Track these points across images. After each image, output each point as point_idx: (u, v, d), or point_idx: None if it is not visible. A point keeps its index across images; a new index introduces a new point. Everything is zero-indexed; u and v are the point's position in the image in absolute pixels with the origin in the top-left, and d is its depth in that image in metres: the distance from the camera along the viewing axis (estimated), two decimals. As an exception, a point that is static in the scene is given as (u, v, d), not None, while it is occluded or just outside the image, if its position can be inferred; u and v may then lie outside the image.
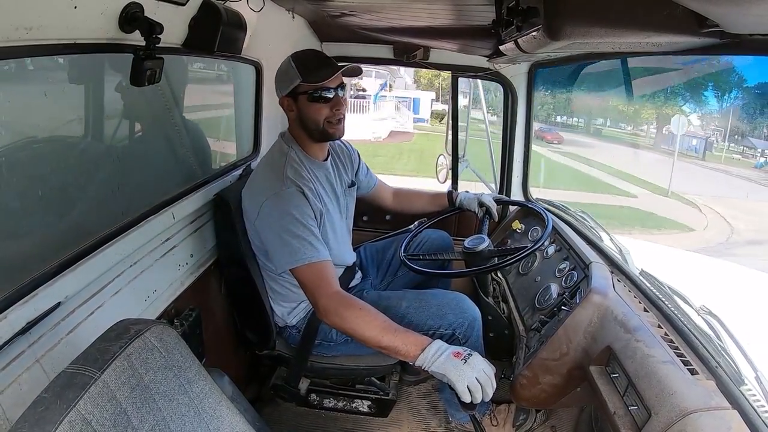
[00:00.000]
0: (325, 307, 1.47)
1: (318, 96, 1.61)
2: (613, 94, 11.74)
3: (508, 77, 2.34)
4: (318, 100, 1.61)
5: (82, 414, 0.76)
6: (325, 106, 1.62)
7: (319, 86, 1.59)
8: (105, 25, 1.12)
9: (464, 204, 2.14)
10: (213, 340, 1.76)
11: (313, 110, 1.63)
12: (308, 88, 1.60)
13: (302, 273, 1.52)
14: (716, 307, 1.29)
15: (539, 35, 1.07)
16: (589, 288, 1.46)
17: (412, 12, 1.66)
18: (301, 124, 1.67)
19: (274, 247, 1.56)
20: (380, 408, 1.96)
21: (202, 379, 0.99)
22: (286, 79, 1.63)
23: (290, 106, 1.66)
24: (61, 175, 1.35)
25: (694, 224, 12.22)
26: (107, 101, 1.56)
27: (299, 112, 1.65)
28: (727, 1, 0.73)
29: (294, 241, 1.51)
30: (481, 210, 2.11)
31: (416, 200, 2.25)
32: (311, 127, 1.65)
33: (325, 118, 1.63)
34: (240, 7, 1.57)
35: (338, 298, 1.47)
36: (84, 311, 1.20)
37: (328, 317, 1.47)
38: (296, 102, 1.64)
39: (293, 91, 1.63)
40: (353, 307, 1.44)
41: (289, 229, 1.52)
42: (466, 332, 1.69)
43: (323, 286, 1.49)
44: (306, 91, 1.61)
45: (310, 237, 1.53)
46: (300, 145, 1.71)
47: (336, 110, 1.63)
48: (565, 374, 1.45)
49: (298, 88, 1.61)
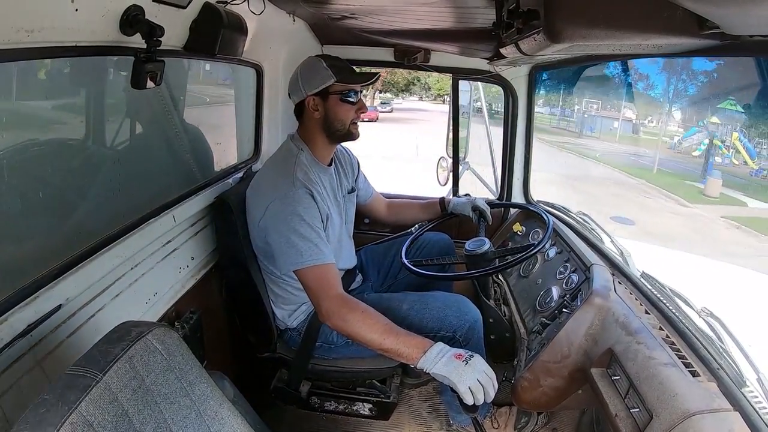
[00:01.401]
0: (328, 310, 1.47)
1: (349, 97, 1.66)
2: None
3: (508, 80, 2.34)
4: (348, 101, 1.66)
5: (83, 416, 0.76)
6: (353, 107, 1.67)
7: (352, 88, 1.65)
8: (106, 28, 1.12)
9: (457, 209, 2.15)
10: (214, 342, 1.76)
11: (343, 110, 1.67)
12: (342, 88, 1.64)
13: (306, 275, 1.52)
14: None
15: (539, 38, 1.07)
16: (591, 290, 1.46)
17: (412, 15, 1.66)
18: (324, 124, 1.69)
19: (280, 247, 1.55)
20: (381, 411, 1.95)
21: (204, 382, 0.99)
22: (316, 78, 1.65)
23: (316, 105, 1.68)
24: (61, 177, 1.36)
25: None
26: (108, 104, 1.56)
27: (327, 111, 1.68)
28: (728, 3, 0.73)
29: (300, 243, 1.51)
30: (474, 214, 2.12)
31: (408, 210, 2.27)
32: (337, 126, 1.69)
33: (352, 119, 1.69)
34: (241, 9, 1.57)
35: (341, 301, 1.48)
36: (85, 314, 1.20)
37: (331, 320, 1.47)
38: (325, 101, 1.67)
39: (324, 90, 1.65)
40: (356, 310, 1.44)
41: (297, 230, 1.52)
42: (467, 334, 1.69)
43: (326, 289, 1.49)
44: (340, 91, 1.65)
45: (316, 239, 1.53)
46: (311, 148, 1.72)
47: (360, 112, 1.70)
48: (566, 377, 1.44)
49: (330, 88, 1.64)
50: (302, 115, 1.72)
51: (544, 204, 2.41)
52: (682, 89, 20.70)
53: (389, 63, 2.45)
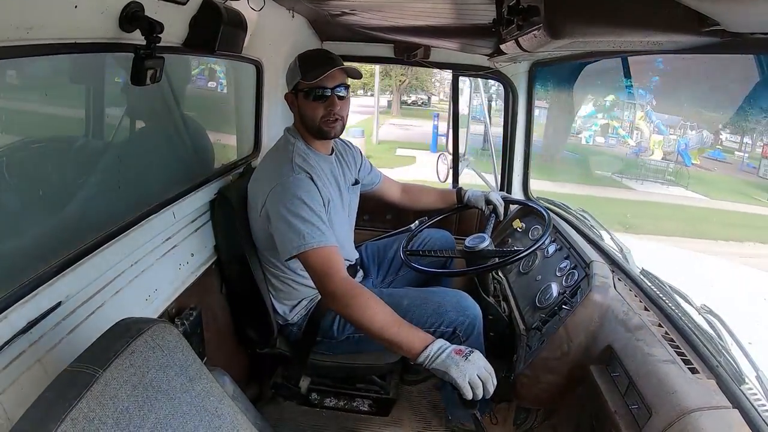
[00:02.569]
0: (334, 293, 1.45)
1: (314, 95, 1.64)
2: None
3: (508, 76, 2.34)
4: (314, 98, 1.65)
5: (84, 412, 0.76)
6: (320, 104, 1.65)
7: (315, 85, 1.62)
8: (105, 25, 1.12)
9: (472, 201, 2.15)
10: (214, 339, 1.76)
11: (309, 108, 1.66)
12: (305, 86, 1.64)
13: (310, 257, 1.50)
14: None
15: (540, 34, 1.06)
16: (590, 287, 1.46)
17: (412, 11, 1.65)
18: (301, 120, 1.71)
19: (282, 232, 1.54)
20: (381, 407, 1.96)
21: (204, 378, 0.99)
22: (290, 76, 1.69)
23: (293, 102, 1.71)
24: (61, 174, 1.36)
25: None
26: (108, 100, 1.56)
27: (299, 108, 1.70)
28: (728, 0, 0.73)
29: (302, 226, 1.50)
30: (488, 208, 2.11)
31: (426, 196, 2.25)
32: (309, 123, 1.69)
33: (321, 117, 1.66)
34: (240, 6, 1.57)
35: (347, 285, 1.46)
36: (85, 310, 1.20)
37: (336, 303, 1.45)
38: (297, 99, 1.69)
39: (295, 88, 1.68)
40: (362, 296, 1.43)
41: (298, 213, 1.51)
42: (467, 330, 1.69)
43: (333, 272, 1.48)
44: (303, 89, 1.65)
45: (318, 222, 1.52)
46: (304, 139, 1.73)
47: (329, 110, 1.66)
48: (565, 373, 1.45)
49: (298, 86, 1.66)
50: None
51: (544, 200, 2.42)
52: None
53: (389, 59, 2.45)
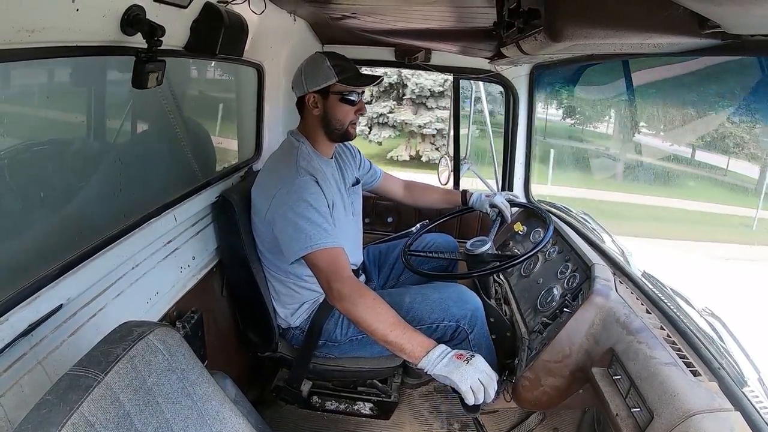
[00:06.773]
0: (339, 292, 1.45)
1: (349, 99, 1.66)
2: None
3: (509, 79, 2.34)
4: (348, 102, 1.66)
5: (85, 416, 0.76)
6: (352, 108, 1.67)
7: (353, 89, 1.65)
8: (107, 28, 1.13)
9: (476, 205, 2.12)
10: (215, 342, 1.76)
11: (342, 111, 1.67)
12: (343, 89, 1.64)
13: (316, 258, 1.50)
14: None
15: (540, 37, 1.06)
16: (591, 290, 1.45)
17: (413, 14, 1.66)
18: (322, 122, 1.70)
19: (288, 234, 1.54)
20: (382, 410, 1.95)
21: (205, 382, 0.99)
22: (319, 75, 1.65)
23: (316, 103, 1.68)
24: (63, 177, 1.36)
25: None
26: (109, 104, 1.56)
27: (326, 110, 1.68)
28: (728, 2, 0.73)
29: (309, 227, 1.50)
30: (493, 212, 2.08)
31: (429, 194, 2.23)
32: (335, 126, 1.69)
33: (350, 120, 1.69)
34: (241, 9, 1.57)
35: (353, 284, 1.47)
36: (86, 313, 1.20)
37: (341, 302, 1.45)
38: (325, 100, 1.67)
39: (324, 89, 1.65)
40: (367, 296, 1.43)
41: (304, 215, 1.52)
42: (471, 321, 1.69)
43: (338, 271, 1.48)
44: (340, 91, 1.65)
45: (324, 224, 1.53)
46: (311, 142, 1.73)
47: (359, 113, 1.69)
48: (567, 376, 1.44)
49: (331, 87, 1.65)
50: (303, 110, 1.73)
51: (545, 203, 2.41)
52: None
53: (390, 62, 2.45)
